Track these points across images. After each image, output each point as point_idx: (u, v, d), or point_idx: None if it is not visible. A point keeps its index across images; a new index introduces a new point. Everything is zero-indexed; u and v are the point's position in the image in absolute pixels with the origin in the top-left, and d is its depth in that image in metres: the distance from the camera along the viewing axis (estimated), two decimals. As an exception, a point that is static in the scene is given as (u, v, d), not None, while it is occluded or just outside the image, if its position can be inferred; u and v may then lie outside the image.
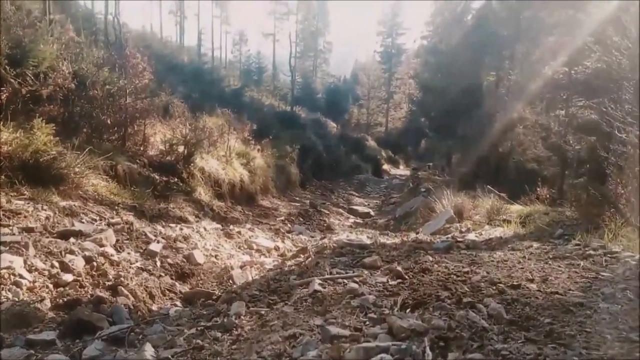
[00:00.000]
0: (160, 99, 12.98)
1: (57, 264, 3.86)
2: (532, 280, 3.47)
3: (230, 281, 4.55)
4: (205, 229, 5.86)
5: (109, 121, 9.32)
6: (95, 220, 6.08)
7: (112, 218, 6.56)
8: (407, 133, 45.32)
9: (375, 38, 52.96)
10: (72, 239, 4.35)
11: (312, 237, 9.20)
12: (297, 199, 16.99)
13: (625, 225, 6.37)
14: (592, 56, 18.28)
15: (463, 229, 7.89)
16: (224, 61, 53.53)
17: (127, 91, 9.95)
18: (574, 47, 19.54)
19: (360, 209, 17.04)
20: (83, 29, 21.07)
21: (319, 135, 29.60)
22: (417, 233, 6.75)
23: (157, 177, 9.69)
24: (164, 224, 7.07)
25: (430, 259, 4.50)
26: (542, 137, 19.10)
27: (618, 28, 13.04)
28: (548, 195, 12.03)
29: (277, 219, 12.62)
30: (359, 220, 15.07)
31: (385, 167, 35.92)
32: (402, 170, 36.18)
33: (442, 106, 32.93)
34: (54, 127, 7.22)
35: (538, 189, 12.25)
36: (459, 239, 6.49)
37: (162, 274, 4.39)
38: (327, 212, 15.33)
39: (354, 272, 3.96)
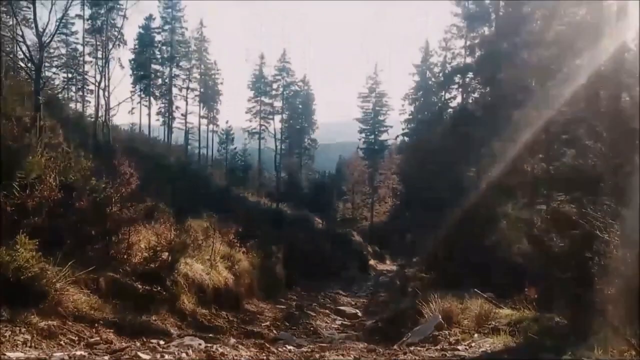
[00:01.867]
0: (146, 203, 13.05)
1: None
2: None
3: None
4: (187, 353, 5.68)
5: (93, 232, 9.29)
6: (74, 342, 5.89)
7: (92, 337, 6.36)
8: (392, 227, 45.67)
9: (358, 135, 54.70)
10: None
11: (298, 345, 8.95)
12: (283, 300, 16.70)
13: (614, 334, 6.32)
14: (567, 154, 19.03)
15: (452, 339, 7.75)
16: (210, 159, 54.58)
17: (114, 200, 10.01)
18: (549, 144, 20.39)
19: (348, 309, 16.79)
20: (73, 132, 21.59)
21: (305, 232, 29.69)
22: (405, 353, 6.60)
23: (139, 286, 9.51)
24: (144, 340, 6.85)
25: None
26: (525, 232, 19.30)
27: (590, 131, 13.74)
28: (536, 295, 11.96)
29: (263, 324, 12.35)
30: (347, 322, 14.80)
31: (372, 262, 35.72)
32: (389, 266, 35.99)
33: (424, 201, 33.52)
34: (37, 241, 7.16)
35: (526, 289, 12.21)
36: (447, 353, 6.35)
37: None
38: (314, 314, 15.06)
39: None
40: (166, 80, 49.68)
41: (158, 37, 49.22)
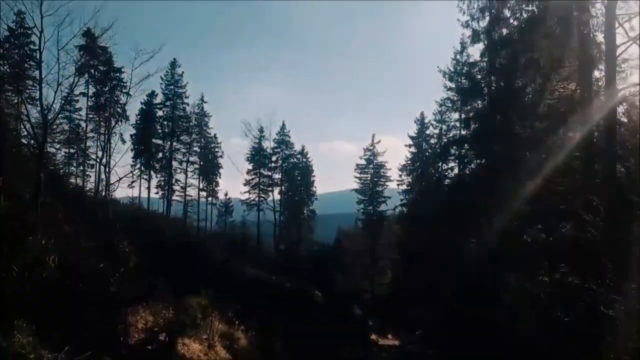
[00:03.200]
0: (145, 282, 12.89)
1: None
2: None
3: None
4: None
5: (91, 313, 9.14)
6: None
7: None
8: (394, 299, 44.79)
9: (356, 206, 54.69)
10: None
11: None
12: (283, 381, 16.16)
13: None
14: (567, 226, 18.97)
15: None
16: (209, 231, 54.34)
17: (112, 280, 9.93)
18: (547, 215, 20.40)
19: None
20: (73, 207, 21.60)
21: (305, 306, 29.12)
22: None
23: (136, 370, 9.26)
24: None
25: None
26: (530, 305, 18.95)
27: (587, 204, 13.81)
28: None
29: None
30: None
31: (373, 337, 34.77)
32: (391, 340, 35.05)
33: (425, 272, 33.10)
34: (35, 326, 7.05)
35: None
36: None
37: None
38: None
39: None
40: (166, 154, 50.27)
41: (160, 113, 50.30)
